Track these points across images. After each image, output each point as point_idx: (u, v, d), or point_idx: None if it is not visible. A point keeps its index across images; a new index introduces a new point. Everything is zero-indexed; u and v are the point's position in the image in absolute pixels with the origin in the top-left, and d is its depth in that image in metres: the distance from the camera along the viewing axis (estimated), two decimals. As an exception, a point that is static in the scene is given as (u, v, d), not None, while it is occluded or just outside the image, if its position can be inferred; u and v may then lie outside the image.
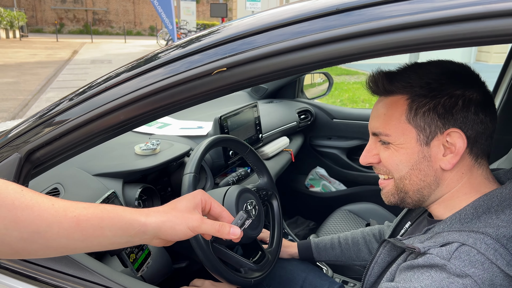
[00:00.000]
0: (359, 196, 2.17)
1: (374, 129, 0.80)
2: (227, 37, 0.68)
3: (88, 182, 1.12)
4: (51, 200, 0.61)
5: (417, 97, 0.75)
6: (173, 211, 0.69)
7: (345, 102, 6.98)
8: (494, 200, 0.72)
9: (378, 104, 0.81)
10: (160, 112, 0.76)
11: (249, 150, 1.26)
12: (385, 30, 0.56)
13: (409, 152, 0.77)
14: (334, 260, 1.29)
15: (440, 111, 0.74)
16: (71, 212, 0.61)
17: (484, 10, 0.52)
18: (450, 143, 0.74)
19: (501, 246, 0.64)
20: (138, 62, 0.80)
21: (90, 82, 0.85)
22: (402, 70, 0.79)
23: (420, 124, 0.75)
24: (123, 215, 0.65)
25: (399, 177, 0.80)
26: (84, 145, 0.82)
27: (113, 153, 1.28)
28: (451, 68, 0.77)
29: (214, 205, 0.77)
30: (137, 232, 0.65)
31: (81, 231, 0.61)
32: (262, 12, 0.73)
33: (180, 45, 0.75)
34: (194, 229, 0.70)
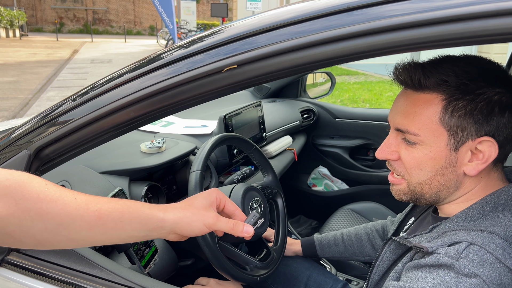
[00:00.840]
0: (362, 196, 2.17)
1: (401, 125, 0.75)
2: (239, 35, 0.68)
3: (95, 179, 1.12)
4: (74, 194, 0.63)
5: (454, 98, 0.70)
6: (190, 207, 0.72)
7: (346, 102, 6.99)
8: (501, 198, 0.71)
9: (406, 99, 0.74)
10: (171, 109, 0.77)
11: (254, 149, 1.27)
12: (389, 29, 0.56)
13: (436, 157, 0.73)
14: (338, 256, 1.29)
15: (476, 117, 0.69)
16: (93, 206, 0.63)
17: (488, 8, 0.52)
18: (478, 150, 0.71)
19: (510, 246, 0.64)
20: (149, 60, 0.80)
21: (106, 77, 0.85)
22: (437, 65, 0.72)
23: (454, 128, 0.71)
24: (143, 210, 0.67)
25: (417, 182, 0.76)
26: (92, 142, 0.83)
27: (119, 151, 1.29)
28: (487, 67, 0.73)
29: (228, 204, 0.80)
30: (155, 227, 0.68)
31: (102, 224, 0.63)
32: (273, 10, 0.73)
33: (191, 43, 0.75)
34: (210, 226, 0.73)
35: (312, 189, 2.28)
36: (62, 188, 0.63)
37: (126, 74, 0.79)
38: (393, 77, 0.78)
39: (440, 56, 0.75)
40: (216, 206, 0.77)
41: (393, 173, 0.81)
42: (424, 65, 0.72)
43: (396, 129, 0.77)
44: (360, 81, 9.10)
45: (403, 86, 0.77)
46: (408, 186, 0.78)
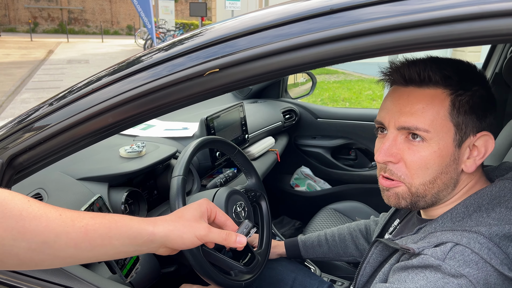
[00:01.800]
0: (344, 195, 2.18)
1: (407, 123, 0.71)
2: (220, 37, 0.66)
3: (72, 186, 1.08)
4: (58, 210, 0.61)
5: (458, 94, 0.70)
6: (181, 220, 0.70)
7: (326, 101, 7.03)
8: (484, 198, 0.72)
9: (409, 96, 0.72)
10: (152, 113, 0.75)
11: (237, 151, 1.25)
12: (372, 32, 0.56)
13: (444, 154, 0.71)
14: (321, 257, 1.29)
15: (477, 113, 0.71)
16: (79, 222, 0.61)
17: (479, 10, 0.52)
18: (475, 145, 0.72)
19: (494, 245, 0.64)
20: (128, 63, 0.78)
21: (84, 80, 0.82)
22: (437, 62, 0.72)
23: (460, 123, 0.70)
24: (131, 225, 0.65)
25: (421, 182, 0.73)
26: (70, 149, 0.80)
27: (97, 156, 1.25)
28: (469, 67, 0.74)
29: (219, 214, 0.79)
30: (145, 241, 0.66)
31: (89, 240, 0.61)
32: (255, 11, 0.71)
33: (172, 46, 0.73)
34: (202, 237, 0.71)
35: (295, 190, 2.27)
36: (45, 205, 0.61)
37: (105, 78, 0.76)
38: (387, 76, 0.76)
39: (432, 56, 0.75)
40: (207, 217, 0.76)
41: (385, 177, 0.76)
42: (428, 62, 0.72)
43: (400, 128, 0.72)
44: (340, 80, 9.18)
45: (398, 85, 0.75)
46: (409, 189, 0.74)
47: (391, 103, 0.75)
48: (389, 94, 0.76)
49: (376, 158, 0.75)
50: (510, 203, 0.69)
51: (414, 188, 0.74)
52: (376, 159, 0.75)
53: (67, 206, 0.98)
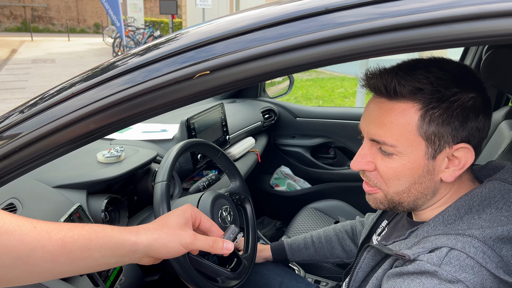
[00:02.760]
0: (324, 193, 2.18)
1: (376, 136, 0.72)
2: (210, 38, 0.63)
3: (48, 195, 1.02)
4: (32, 223, 0.57)
5: (430, 108, 0.68)
6: (164, 227, 0.67)
7: (299, 99, 7.07)
8: (475, 200, 0.71)
9: (381, 108, 0.71)
10: (134, 119, 0.70)
11: (220, 154, 1.22)
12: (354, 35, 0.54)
13: (414, 166, 0.71)
14: (308, 259, 1.28)
15: (453, 125, 0.68)
16: (56, 234, 0.57)
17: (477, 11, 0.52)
18: (454, 156, 0.71)
19: (489, 248, 0.64)
20: (108, 66, 0.73)
21: (64, 83, 0.77)
22: (410, 71, 0.69)
23: (431, 137, 0.69)
24: (112, 235, 0.62)
25: (395, 191, 0.75)
26: (46, 158, 0.74)
27: (73, 162, 1.19)
28: (458, 71, 0.71)
29: (203, 220, 0.76)
30: (127, 252, 0.62)
31: (67, 253, 0.57)
32: (247, 11, 0.68)
33: (157, 46, 0.69)
34: (187, 245, 0.68)
35: (275, 189, 2.26)
36: (18, 217, 0.56)
37: (82, 82, 0.71)
38: (363, 83, 0.74)
39: (411, 60, 0.73)
40: (192, 223, 0.73)
41: (367, 182, 0.78)
42: (398, 72, 0.69)
43: (371, 140, 0.74)
44: (312, 78, 9.26)
45: (373, 93, 0.74)
46: (385, 196, 0.76)
47: (366, 112, 0.75)
48: (369, 101, 0.76)
49: (351, 166, 0.77)
50: (500, 203, 0.69)
51: (389, 195, 0.76)
52: (351, 166, 0.77)
53: (44, 217, 0.93)
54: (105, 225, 0.64)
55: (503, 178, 0.73)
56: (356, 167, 0.76)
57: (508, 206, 0.69)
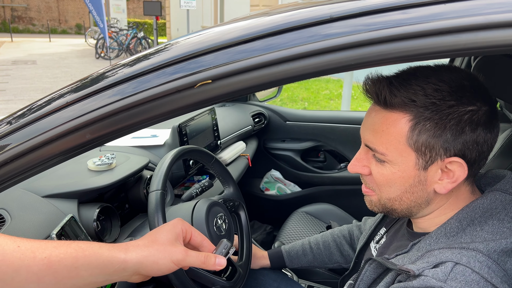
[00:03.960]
0: (315, 197, 2.18)
1: (369, 143, 0.74)
2: (212, 46, 0.62)
3: (38, 205, 0.99)
4: (16, 241, 0.54)
5: (422, 119, 0.67)
6: (154, 244, 0.65)
7: (285, 101, 7.08)
8: (476, 211, 0.71)
9: (376, 116, 0.72)
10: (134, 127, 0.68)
11: (214, 160, 1.21)
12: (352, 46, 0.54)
13: (405, 176, 0.72)
14: (306, 266, 1.28)
15: (445, 137, 0.67)
16: (41, 254, 0.55)
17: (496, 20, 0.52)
18: (448, 169, 0.70)
19: (494, 263, 0.64)
20: (102, 75, 0.71)
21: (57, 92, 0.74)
22: (405, 81, 0.68)
23: (421, 148, 0.69)
24: (101, 253, 0.59)
25: (387, 198, 0.76)
26: (36, 169, 0.71)
27: (63, 170, 1.15)
28: (460, 82, 0.68)
29: (194, 234, 0.74)
30: (116, 270, 0.61)
31: (53, 273, 0.55)
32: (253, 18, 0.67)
33: (157, 53, 0.67)
34: (179, 262, 0.66)
35: (265, 193, 2.25)
36: (0, 235, 0.54)
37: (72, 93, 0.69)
38: (362, 90, 0.75)
39: (410, 68, 0.72)
40: (182, 238, 0.71)
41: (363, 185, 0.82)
42: (392, 82, 0.69)
43: (366, 145, 0.76)
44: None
45: (372, 102, 0.75)
46: (379, 200, 0.78)
47: (365, 118, 0.76)
48: (370, 108, 0.76)
49: (348, 168, 0.80)
50: (501, 215, 0.70)
51: (383, 200, 0.78)
52: (348, 169, 0.80)
53: (35, 228, 0.90)
54: (93, 243, 0.62)
55: (504, 188, 0.73)
56: (352, 170, 0.79)
57: (510, 217, 0.69)
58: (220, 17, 12.07)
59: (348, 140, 2.17)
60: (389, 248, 0.86)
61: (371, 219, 1.21)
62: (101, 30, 9.70)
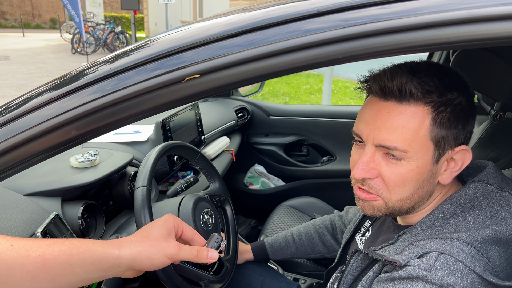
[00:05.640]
0: (298, 191, 2.20)
1: (386, 142, 0.68)
2: (194, 42, 0.61)
3: (20, 203, 0.97)
4: (9, 240, 0.54)
5: (440, 111, 0.67)
6: (147, 239, 0.66)
7: (266, 96, 7.10)
8: (459, 202, 0.73)
9: (390, 113, 0.68)
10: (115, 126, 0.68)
11: (199, 155, 1.20)
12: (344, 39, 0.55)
13: (421, 171, 0.70)
14: (289, 257, 1.29)
15: (457, 128, 0.69)
16: (34, 252, 0.55)
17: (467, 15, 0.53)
18: (453, 158, 0.72)
19: (476, 251, 0.65)
20: (84, 70, 0.70)
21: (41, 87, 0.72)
22: (416, 74, 0.67)
23: (439, 140, 0.69)
24: (94, 249, 0.60)
25: (399, 198, 0.73)
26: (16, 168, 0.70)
27: (45, 167, 1.13)
28: (453, 74, 0.71)
29: (185, 229, 0.76)
30: (110, 266, 0.61)
31: (47, 271, 0.55)
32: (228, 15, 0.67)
33: (139, 48, 0.67)
34: (172, 256, 0.68)
35: (249, 188, 2.26)
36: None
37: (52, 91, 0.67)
38: (365, 85, 0.73)
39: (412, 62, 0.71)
40: (174, 233, 0.73)
41: (362, 189, 0.76)
42: (408, 74, 0.67)
43: (379, 146, 0.70)
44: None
45: (376, 96, 0.71)
46: (386, 204, 0.74)
47: (369, 116, 0.71)
48: (367, 105, 0.73)
49: (353, 174, 0.73)
50: (483, 205, 0.71)
51: (391, 203, 0.74)
52: (353, 175, 0.73)
53: (17, 227, 0.88)
54: (86, 240, 0.62)
55: (486, 179, 0.75)
56: (360, 175, 0.72)
57: (491, 207, 0.71)
58: (199, 11, 11.96)
59: (331, 134, 2.20)
60: (377, 242, 0.88)
61: (353, 209, 1.23)
62: (77, 24, 9.47)
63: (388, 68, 0.70)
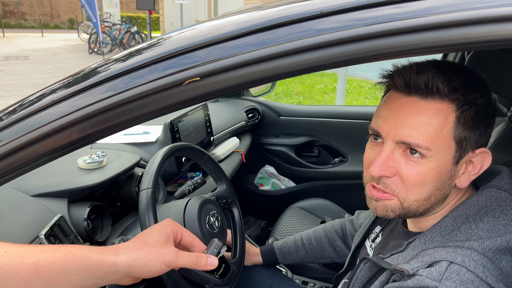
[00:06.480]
0: (309, 192, 2.18)
1: (408, 138, 0.66)
2: (201, 42, 0.61)
3: (27, 204, 0.98)
4: (2, 247, 0.54)
5: (464, 109, 0.65)
6: (145, 246, 0.65)
7: (280, 96, 7.07)
8: (471, 209, 0.70)
9: (413, 108, 0.66)
10: (117, 128, 0.67)
11: (206, 157, 1.19)
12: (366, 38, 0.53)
13: (442, 171, 0.67)
14: (299, 261, 1.27)
15: (480, 130, 0.67)
16: (28, 259, 0.54)
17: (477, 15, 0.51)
18: (471, 161, 0.70)
19: (489, 261, 0.63)
20: (91, 72, 0.69)
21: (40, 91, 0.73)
22: (441, 70, 0.65)
23: (462, 140, 0.66)
24: (90, 256, 0.59)
25: (416, 199, 0.70)
26: (26, 167, 0.70)
27: (52, 168, 1.14)
28: (475, 73, 0.69)
29: (185, 234, 0.74)
30: (106, 273, 0.60)
31: (41, 278, 0.54)
32: (232, 15, 0.66)
33: (143, 50, 0.66)
34: (170, 263, 0.66)
35: (260, 189, 2.24)
36: None
37: (65, 88, 0.67)
38: (388, 79, 0.71)
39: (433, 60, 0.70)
40: (173, 239, 0.71)
41: (376, 188, 0.73)
42: (435, 70, 0.65)
43: (400, 142, 0.68)
44: (292, 73, 9.25)
45: (398, 91, 0.68)
46: (401, 203, 0.71)
47: (391, 112, 0.69)
48: (388, 101, 0.70)
49: (370, 171, 0.70)
50: (497, 212, 0.68)
51: (407, 203, 0.71)
52: (370, 172, 0.70)
53: (23, 228, 0.89)
54: (82, 246, 0.61)
55: (499, 185, 0.72)
56: (378, 173, 0.69)
57: (505, 215, 0.68)
58: (214, 11, 11.99)
59: (342, 134, 2.17)
60: (386, 248, 0.85)
61: (364, 213, 1.21)
62: (94, 25, 9.61)
63: (415, 62, 0.68)
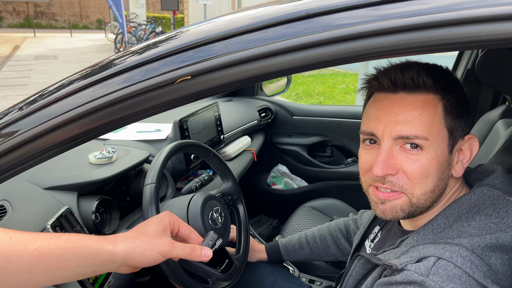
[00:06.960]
0: (321, 192, 2.18)
1: (405, 131, 0.68)
2: (191, 43, 0.63)
3: (39, 197, 1.03)
4: (8, 233, 0.57)
5: (448, 98, 0.70)
6: (142, 236, 0.68)
7: (301, 96, 7.06)
8: (464, 207, 0.71)
9: (402, 104, 0.69)
10: (119, 123, 0.70)
11: (212, 155, 1.22)
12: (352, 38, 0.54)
13: (441, 160, 0.70)
14: (303, 259, 1.29)
15: (465, 116, 0.71)
16: (32, 245, 0.57)
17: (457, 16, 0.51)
18: (461, 149, 0.73)
19: (477, 257, 0.63)
20: (100, 67, 0.73)
21: (42, 90, 0.76)
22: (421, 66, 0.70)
23: (452, 127, 0.70)
24: (89, 244, 0.62)
25: (423, 192, 0.71)
26: (41, 157, 0.74)
27: (65, 163, 1.19)
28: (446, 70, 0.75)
29: (182, 226, 0.76)
30: (104, 261, 0.63)
31: (43, 264, 0.58)
32: (230, 14, 0.68)
33: (139, 51, 0.69)
34: (165, 254, 0.68)
35: (272, 188, 2.26)
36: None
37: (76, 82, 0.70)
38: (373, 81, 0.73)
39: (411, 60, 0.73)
40: (170, 230, 0.74)
41: (381, 189, 0.73)
42: (417, 66, 0.70)
43: (397, 138, 0.69)
44: (314, 73, 9.22)
45: (384, 91, 0.71)
46: (410, 200, 0.72)
47: (381, 112, 0.71)
48: (375, 102, 0.73)
49: (375, 172, 0.70)
50: (489, 210, 0.69)
51: (416, 198, 0.71)
52: (375, 173, 0.70)
53: (33, 218, 0.94)
54: (82, 235, 0.64)
55: (493, 183, 0.72)
56: (382, 172, 0.70)
57: (497, 213, 0.68)
58: (237, 11, 12.04)
59: (355, 135, 2.14)
60: (383, 248, 0.86)
61: (367, 213, 1.21)
62: (120, 25, 9.82)
63: (396, 63, 0.72)
